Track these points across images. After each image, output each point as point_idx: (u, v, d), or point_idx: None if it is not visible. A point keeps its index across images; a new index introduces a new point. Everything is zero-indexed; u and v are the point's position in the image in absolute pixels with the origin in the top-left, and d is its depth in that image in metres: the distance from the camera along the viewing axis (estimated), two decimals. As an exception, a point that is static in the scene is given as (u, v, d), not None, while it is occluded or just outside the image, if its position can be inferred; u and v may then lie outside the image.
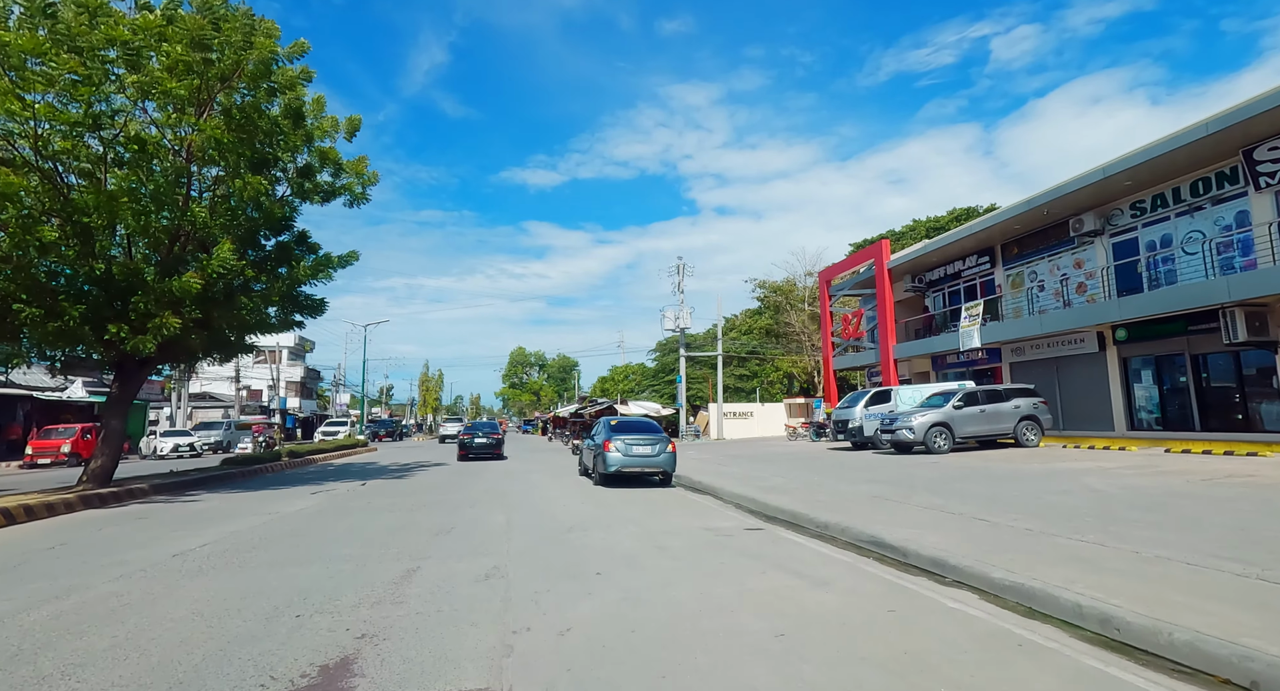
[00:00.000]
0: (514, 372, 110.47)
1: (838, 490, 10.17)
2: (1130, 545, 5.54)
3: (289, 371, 52.07)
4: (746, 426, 36.42)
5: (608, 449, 12.33)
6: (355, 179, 14.03)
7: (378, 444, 39.33)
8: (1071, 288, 18.60)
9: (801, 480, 11.84)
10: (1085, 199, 16.99)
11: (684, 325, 34.46)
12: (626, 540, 6.84)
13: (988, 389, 16.92)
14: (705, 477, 13.02)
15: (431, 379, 58.69)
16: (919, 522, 7.06)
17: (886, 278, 25.05)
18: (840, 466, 14.37)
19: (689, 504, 10.03)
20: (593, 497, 10.74)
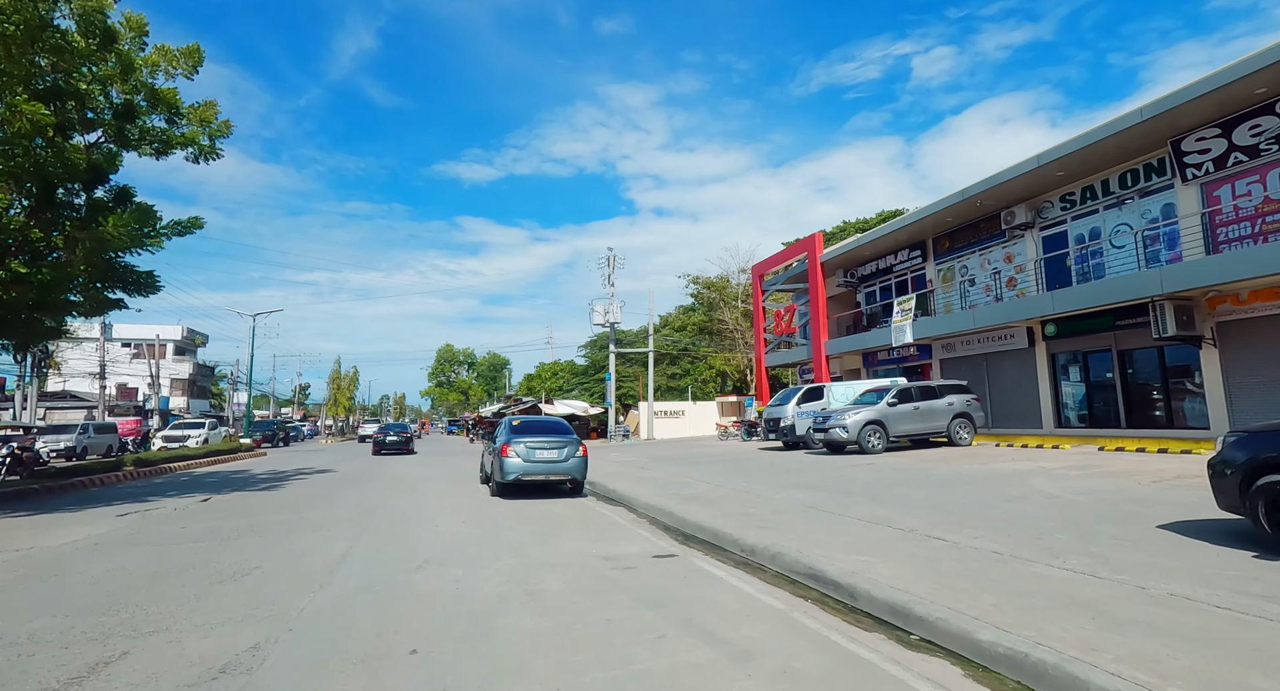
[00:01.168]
0: (441, 371, 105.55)
1: (768, 499, 8.78)
2: (1130, 575, 4.32)
3: (174, 367, 46.57)
4: (678, 426, 35.23)
5: (505, 453, 10.49)
6: (200, 128, 11.47)
7: (277, 449, 35.48)
8: (1002, 282, 18.31)
9: (729, 486, 10.43)
10: (1017, 190, 16.62)
11: (614, 320, 32.85)
12: (491, 580, 5.08)
13: (921, 385, 16.23)
14: (622, 484, 11.40)
15: (345, 376, 54.22)
16: (865, 544, 5.68)
17: (819, 272, 24.35)
18: (771, 469, 13.12)
19: (594, 520, 8.36)
20: (479, 513, 8.88)
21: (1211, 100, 12.03)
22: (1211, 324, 12.85)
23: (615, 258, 33.68)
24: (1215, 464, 5.32)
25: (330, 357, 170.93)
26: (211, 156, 11.88)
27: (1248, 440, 5.11)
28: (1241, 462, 4.97)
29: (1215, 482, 5.28)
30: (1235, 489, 4.99)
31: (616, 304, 32.69)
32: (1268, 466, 4.80)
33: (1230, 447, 5.21)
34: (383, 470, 17.48)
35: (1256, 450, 4.92)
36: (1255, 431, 5.23)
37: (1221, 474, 5.19)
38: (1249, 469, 4.89)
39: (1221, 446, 5.35)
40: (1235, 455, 5.09)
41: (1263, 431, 5.15)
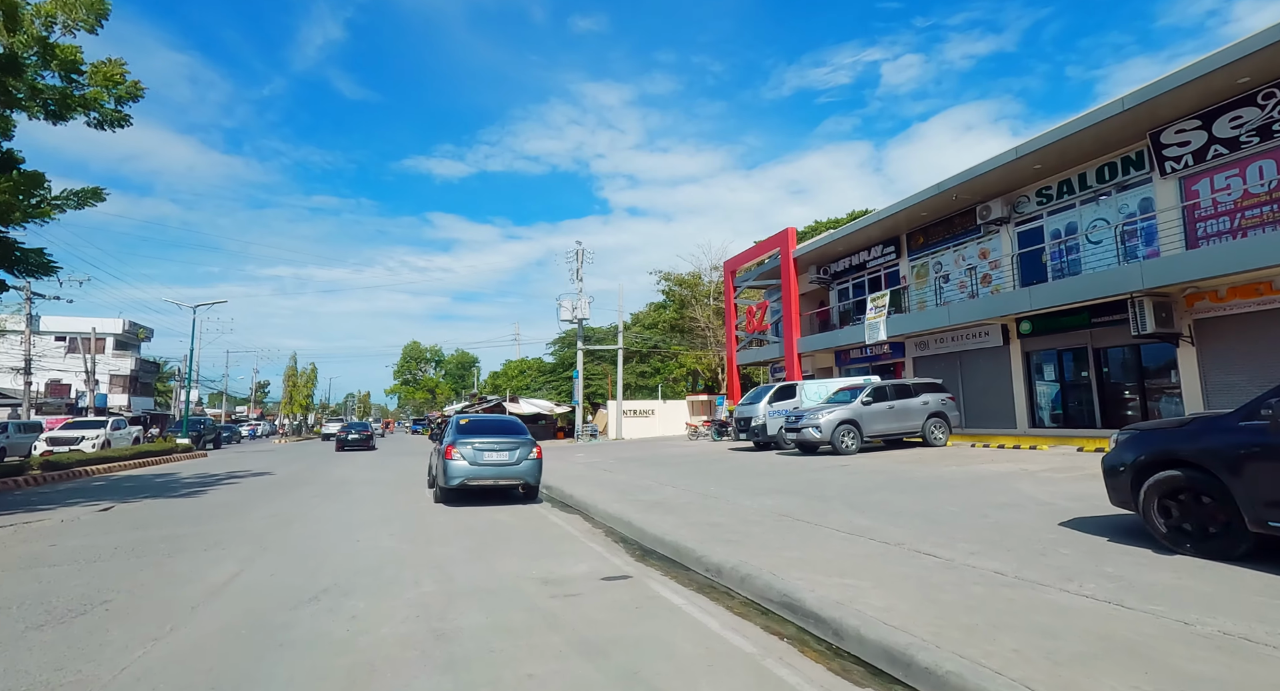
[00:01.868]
0: (407, 368, 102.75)
1: (737, 506, 7.97)
2: (1165, 605, 3.58)
3: (115, 363, 43.79)
4: (647, 425, 34.40)
5: (450, 456, 9.47)
6: (104, 89, 10.14)
7: (220, 450, 33.54)
8: (977, 279, 17.93)
9: (695, 491, 9.60)
10: (994, 184, 16.22)
11: (582, 316, 31.81)
12: (397, 615, 4.12)
13: (896, 384, 15.69)
14: (581, 489, 10.48)
15: (302, 373, 51.83)
16: (848, 562, 4.89)
17: (792, 267, 23.78)
18: (741, 471, 12.36)
19: (544, 531, 7.42)
20: (414, 524, 7.85)
21: (1193, 90, 11.67)
22: (1189, 321, 12.55)
23: (584, 252, 32.67)
24: (1108, 462, 5.32)
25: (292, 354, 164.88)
26: (119, 123, 10.54)
27: (1139, 438, 5.12)
28: (1132, 461, 4.99)
29: (1109, 480, 5.29)
30: (1127, 486, 5.03)
31: (585, 299, 31.68)
32: (1157, 464, 4.81)
33: (1122, 446, 5.24)
34: (327, 473, 16.20)
35: (1147, 448, 4.93)
36: (1145, 430, 5.23)
37: (1114, 472, 5.20)
38: (1140, 466, 4.91)
39: (1114, 444, 5.38)
40: (1126, 453, 5.10)
41: (1153, 430, 5.15)
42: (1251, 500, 4.17)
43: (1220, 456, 4.35)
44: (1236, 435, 4.30)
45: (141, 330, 46.80)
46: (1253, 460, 4.18)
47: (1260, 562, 4.35)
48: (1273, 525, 4.09)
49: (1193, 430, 4.73)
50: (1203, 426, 4.69)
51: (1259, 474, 4.14)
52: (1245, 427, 4.28)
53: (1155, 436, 5.00)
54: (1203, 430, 4.63)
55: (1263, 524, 4.14)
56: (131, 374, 45.19)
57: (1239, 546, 4.38)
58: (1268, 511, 4.09)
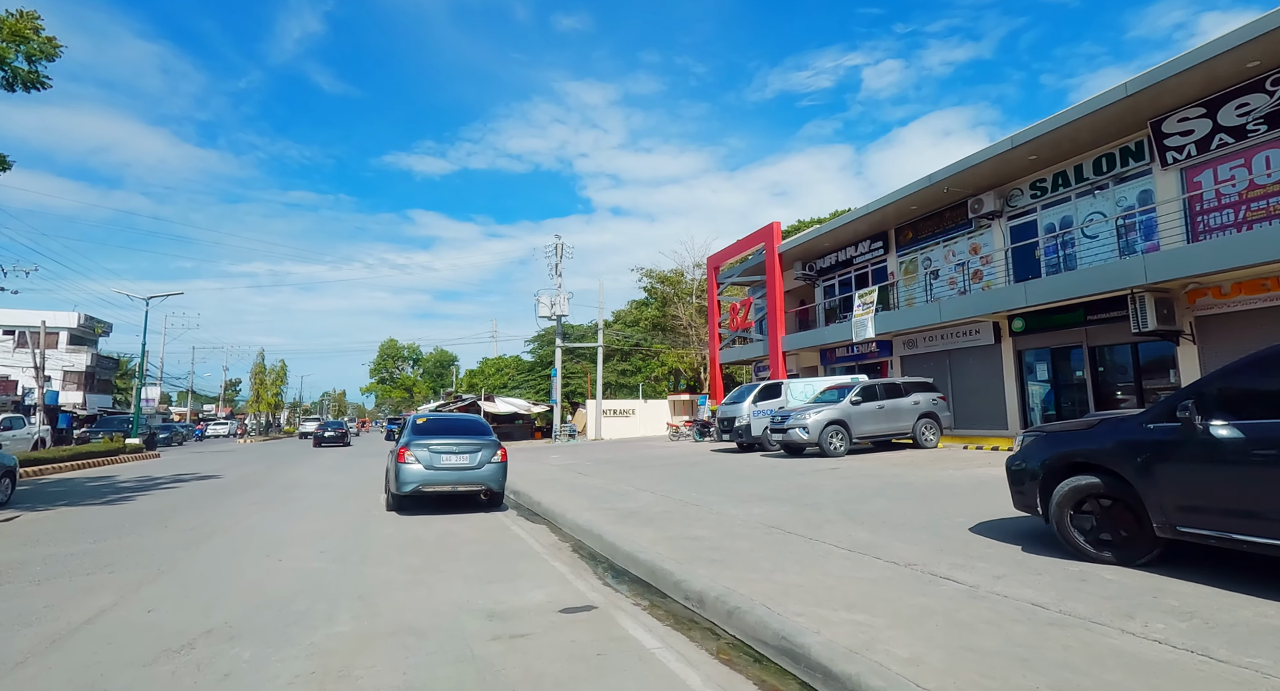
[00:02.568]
0: (384, 367, 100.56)
1: (722, 516, 7.14)
2: (1261, 655, 2.82)
3: (69, 358, 41.64)
4: (628, 425, 33.52)
5: (403, 459, 8.50)
6: (12, 45, 8.98)
7: (173, 448, 31.92)
8: (968, 274, 17.37)
9: (676, 497, 8.75)
10: (986, 176, 15.64)
11: (561, 312, 30.81)
12: (288, 669, 3.20)
13: (886, 383, 15.02)
14: (550, 495, 9.58)
15: (271, 370, 49.91)
16: (855, 589, 4.06)
17: (777, 262, 23.09)
18: (725, 475, 11.55)
19: (502, 545, 6.51)
20: (354, 538, 6.88)
21: (1198, 75, 11.14)
22: (1190, 318, 12.03)
23: (563, 246, 31.68)
24: (1014, 465, 5.08)
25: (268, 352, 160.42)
26: (34, 84, 9.39)
27: (1047, 440, 4.88)
28: (1041, 464, 4.78)
29: (1014, 484, 5.09)
30: (1035, 491, 4.81)
31: (564, 295, 30.68)
32: (1067, 468, 4.60)
33: (1030, 447, 5.00)
34: (280, 476, 15.06)
35: (1056, 451, 4.70)
36: (1053, 432, 4.96)
37: (1021, 475, 4.99)
38: (1050, 470, 4.70)
39: (1020, 445, 5.14)
40: (1035, 455, 4.89)
41: (1060, 432, 4.88)
42: (1161, 505, 4.01)
43: (1130, 460, 4.19)
44: (1146, 437, 4.13)
45: (99, 324, 44.63)
46: (1163, 463, 4.03)
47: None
48: (1183, 531, 3.93)
49: (1101, 432, 4.53)
50: (1111, 428, 4.49)
51: (1169, 478, 4.00)
52: (1156, 429, 4.11)
53: (1064, 439, 4.78)
54: (1111, 432, 4.44)
55: (1171, 529, 3.98)
56: (88, 370, 43.05)
57: (1148, 552, 4.28)
58: (1179, 516, 3.94)
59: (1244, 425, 3.70)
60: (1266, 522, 3.54)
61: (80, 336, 43.66)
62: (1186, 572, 4.17)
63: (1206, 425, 3.81)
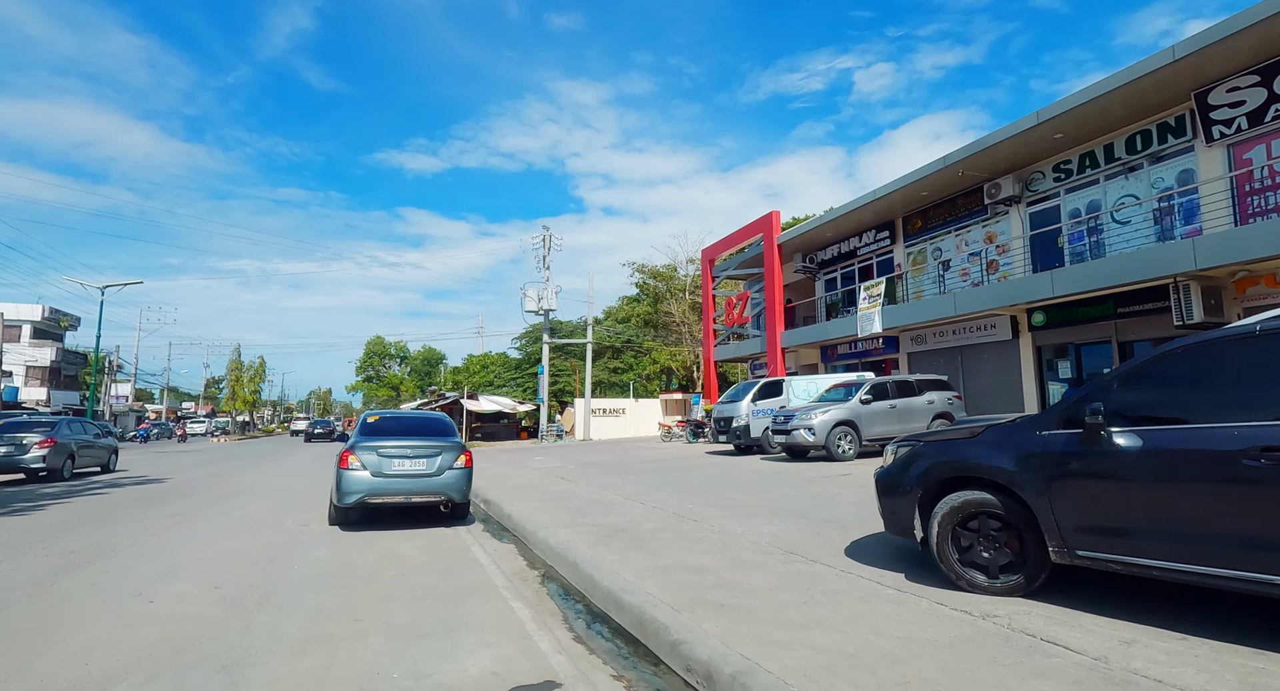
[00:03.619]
0: (370, 364, 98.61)
1: (726, 535, 5.87)
2: None
3: (32, 353, 39.75)
4: (618, 425, 32.24)
5: (346, 464, 7.16)
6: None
7: (150, 448, 30.25)
8: (982, 265, 16.22)
9: (670, 510, 7.47)
10: (1005, 157, 14.49)
11: (549, 307, 29.46)
12: None
13: (898, 380, 13.83)
14: (525, 505, 8.26)
15: (249, 366, 48.07)
16: (931, 661, 2.77)
17: (776, 254, 21.87)
18: (724, 482, 10.28)
19: (453, 576, 5.20)
20: (267, 565, 5.54)
21: (1251, 39, 10.03)
22: (1239, 310, 10.92)
23: (551, 237, 30.32)
24: (884, 479, 4.54)
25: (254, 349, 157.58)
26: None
27: (926, 451, 4.28)
28: (919, 478, 4.20)
29: (885, 502, 4.54)
30: (911, 511, 4.24)
31: (552, 289, 29.33)
32: (951, 482, 4.07)
33: (905, 459, 4.40)
34: (228, 481, 13.64)
35: (937, 462, 4.15)
36: (933, 441, 4.35)
37: (893, 491, 4.43)
38: (930, 485, 4.14)
39: (892, 457, 4.57)
40: (911, 468, 4.29)
41: (942, 441, 4.29)
42: (1058, 526, 3.52)
43: (1023, 472, 3.67)
44: (1042, 446, 3.62)
45: (64, 318, 42.71)
46: (1064, 477, 3.50)
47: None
48: (1084, 555, 3.44)
49: (988, 439, 3.97)
50: (1000, 435, 3.94)
51: (1069, 494, 3.48)
52: (1053, 437, 3.60)
53: (945, 448, 4.19)
54: (1001, 440, 3.90)
55: (1069, 555, 3.50)
56: (53, 365, 41.17)
57: (1038, 578, 3.76)
58: (1078, 538, 3.45)
59: (1161, 433, 3.19)
60: (1189, 546, 3.05)
61: (45, 330, 41.78)
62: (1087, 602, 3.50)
63: (1112, 433, 3.29)
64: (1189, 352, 3.25)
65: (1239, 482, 2.87)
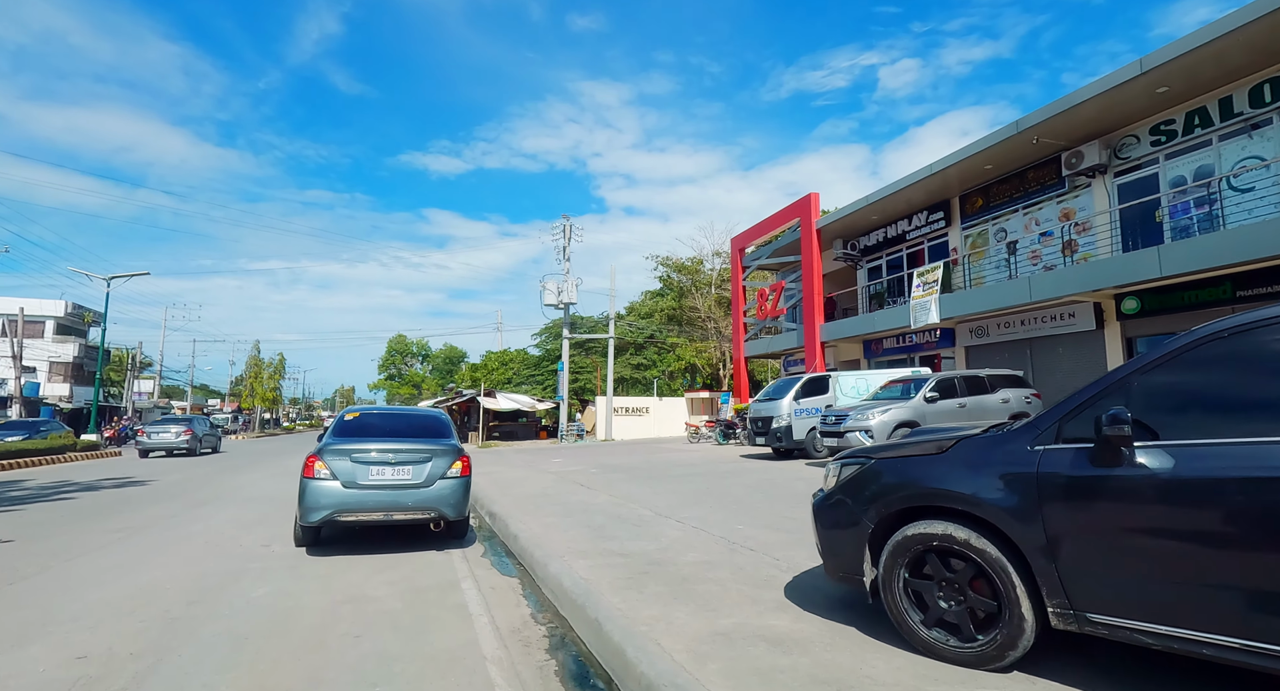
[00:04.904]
0: (392, 363, 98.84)
1: (800, 575, 4.27)
2: None
3: (55, 349, 39.69)
4: (642, 424, 30.68)
5: (311, 473, 5.75)
6: None
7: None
8: (1056, 247, 14.30)
9: (716, 532, 5.88)
10: (1090, 120, 12.58)
11: (569, 300, 28.02)
12: None
13: (967, 375, 12.05)
14: (536, 522, 6.75)
15: (269, 363, 47.68)
16: None
17: (815, 239, 20.11)
18: (774, 492, 8.66)
19: (425, 639, 3.71)
20: (186, 610, 4.12)
21: None
22: (1406, 289, 8.95)
23: (571, 228, 28.89)
24: (824, 506, 3.50)
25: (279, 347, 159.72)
26: None
27: (878, 470, 3.26)
28: (868, 505, 3.19)
29: (825, 536, 3.48)
30: (859, 547, 3.23)
31: (572, 281, 27.90)
32: (909, 512, 3.07)
33: (852, 481, 3.35)
34: (212, 484, 12.45)
35: (893, 486, 3.14)
36: (887, 457, 3.28)
37: (836, 522, 3.40)
38: (881, 514, 3.13)
39: (835, 478, 3.51)
40: (858, 493, 3.28)
41: (899, 457, 3.23)
42: (1061, 579, 2.53)
43: (1009, 502, 2.68)
44: (1037, 467, 2.64)
45: (87, 313, 42.64)
46: (1069, 511, 2.52)
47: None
48: (1100, 622, 2.46)
49: (960, 457, 2.96)
50: (976, 451, 2.93)
51: (1078, 535, 2.50)
52: (1053, 455, 2.63)
53: (906, 467, 3.16)
54: (978, 458, 2.89)
55: (1077, 619, 2.52)
56: (75, 361, 41.11)
57: (1017, 645, 2.67)
58: (1091, 597, 2.47)
59: (1216, 452, 2.23)
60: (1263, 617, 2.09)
61: (68, 326, 41.75)
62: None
63: (1139, 450, 2.36)
64: (1257, 333, 2.25)
65: None
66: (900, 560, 3.06)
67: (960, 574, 2.89)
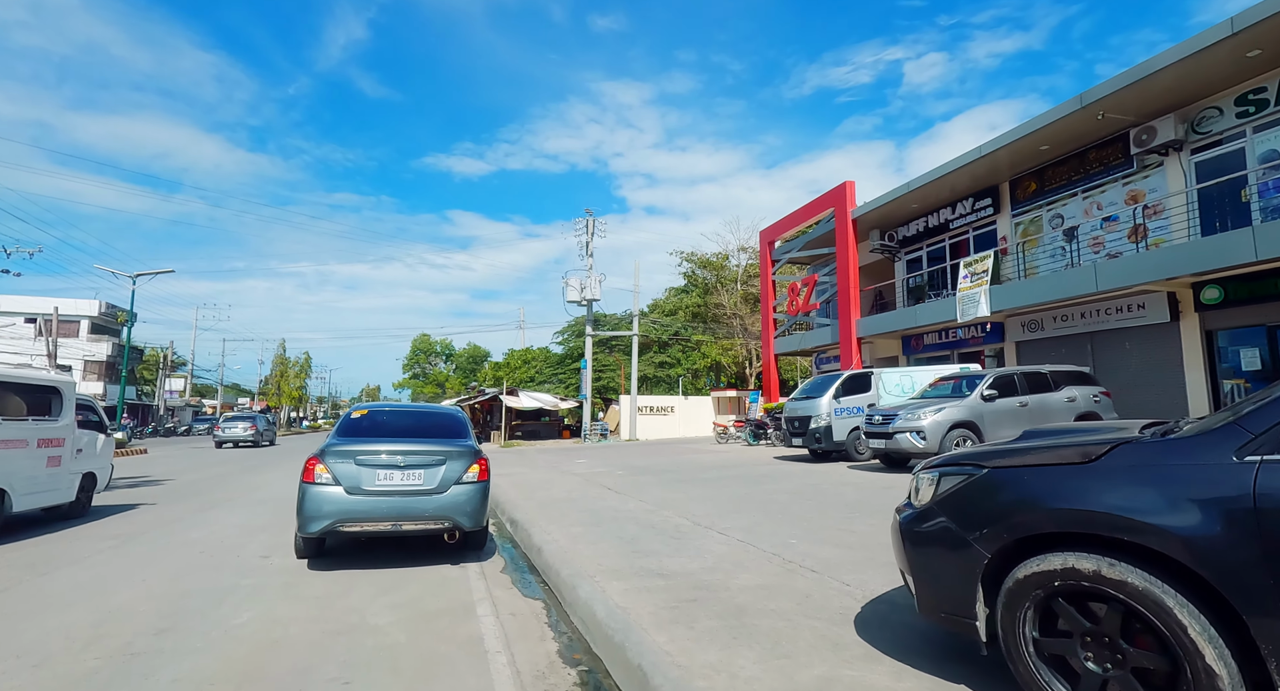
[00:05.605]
0: (417, 362, 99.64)
1: (880, 606, 3.46)
2: None
3: (89, 347, 40.45)
4: (666, 424, 29.92)
5: (311, 477, 5.12)
6: None
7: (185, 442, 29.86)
8: (1122, 233, 13.15)
9: (766, 549, 5.10)
10: (1167, 90, 11.45)
11: (592, 297, 27.38)
12: None
13: (1028, 371, 11.04)
14: (563, 532, 6.05)
15: (295, 362, 48.06)
16: None
17: (850, 230, 19.12)
18: (820, 500, 7.82)
19: (427, 686, 2.99)
20: (152, 643, 3.49)
21: None
22: None
23: (594, 223, 28.25)
24: (918, 527, 2.68)
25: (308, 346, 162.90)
26: None
27: (996, 480, 2.46)
28: (987, 527, 2.39)
29: (921, 565, 2.66)
30: (968, 582, 2.43)
31: (595, 277, 27.25)
32: (1044, 540, 2.29)
33: (958, 496, 2.55)
34: (228, 484, 12.06)
35: (1020, 502, 2.34)
36: (1008, 465, 2.48)
37: (935, 548, 2.60)
38: (1001, 542, 2.35)
39: (930, 489, 2.72)
40: (970, 510, 2.48)
41: (1028, 465, 2.42)
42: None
43: (1211, 535, 1.90)
44: (1257, 487, 1.87)
45: (121, 312, 43.38)
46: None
47: None
48: None
49: (1125, 468, 2.17)
50: (1149, 462, 2.16)
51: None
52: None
53: (1034, 480, 2.35)
54: (1154, 471, 2.12)
55: None
56: (109, 360, 41.84)
57: None
58: None
59: None
60: None
61: (102, 325, 42.54)
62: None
63: None
64: None
65: None
66: (1025, 604, 2.31)
67: (1112, 626, 2.13)
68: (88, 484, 8.19)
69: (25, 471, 6.93)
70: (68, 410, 7.70)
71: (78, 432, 7.97)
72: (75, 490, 7.85)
